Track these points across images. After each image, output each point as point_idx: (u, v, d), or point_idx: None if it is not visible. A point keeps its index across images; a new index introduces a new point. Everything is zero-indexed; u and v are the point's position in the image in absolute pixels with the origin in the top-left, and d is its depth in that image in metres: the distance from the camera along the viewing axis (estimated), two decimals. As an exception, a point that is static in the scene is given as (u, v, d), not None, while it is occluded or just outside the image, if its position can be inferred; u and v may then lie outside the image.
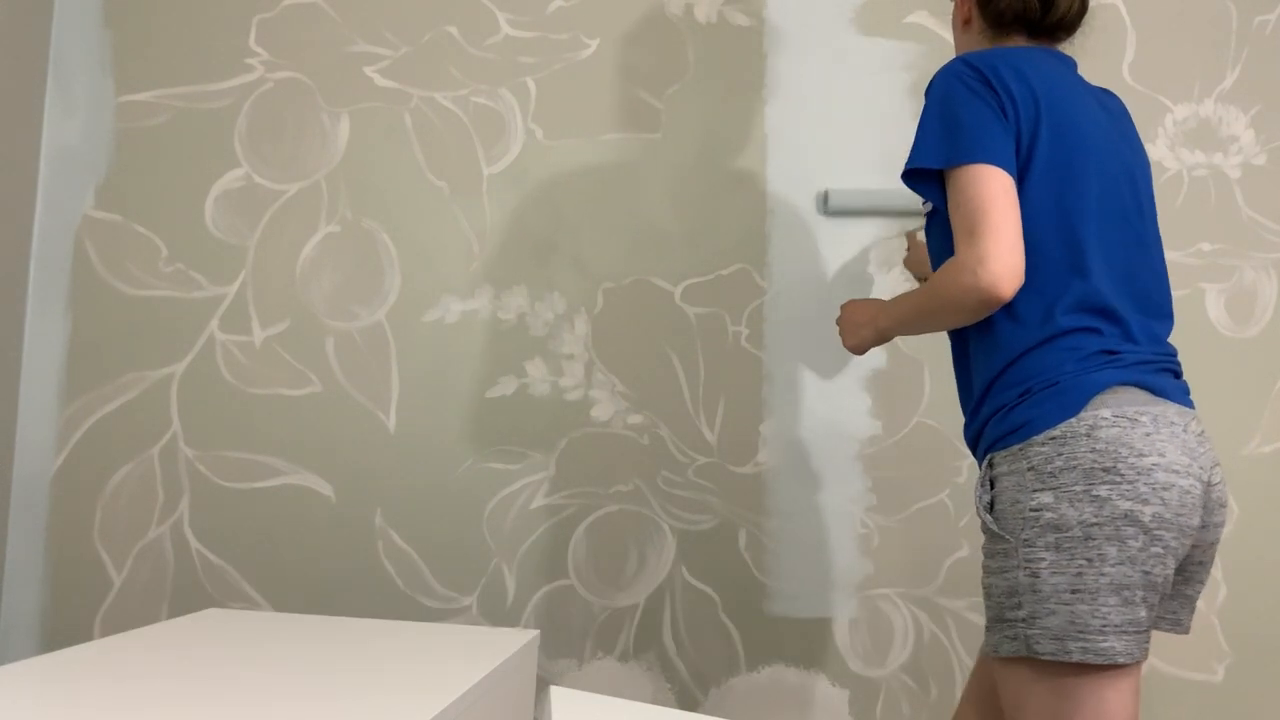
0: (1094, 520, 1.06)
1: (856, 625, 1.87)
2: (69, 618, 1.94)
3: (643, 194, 1.97)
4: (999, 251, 1.10)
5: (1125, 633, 1.06)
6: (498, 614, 1.90)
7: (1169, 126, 1.94)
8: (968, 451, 1.88)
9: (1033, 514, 1.09)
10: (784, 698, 1.86)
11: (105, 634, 1.91)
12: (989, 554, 1.15)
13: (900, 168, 1.93)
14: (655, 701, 1.85)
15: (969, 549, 1.87)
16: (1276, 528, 1.86)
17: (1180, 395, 1.16)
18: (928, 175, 1.22)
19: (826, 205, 1.91)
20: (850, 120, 1.96)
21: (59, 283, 2.01)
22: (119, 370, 1.98)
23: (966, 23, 1.37)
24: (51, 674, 1.04)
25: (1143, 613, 1.07)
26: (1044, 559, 1.08)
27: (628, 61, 1.99)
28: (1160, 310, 1.22)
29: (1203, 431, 1.14)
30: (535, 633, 1.40)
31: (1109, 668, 1.07)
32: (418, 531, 1.92)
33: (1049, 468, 1.09)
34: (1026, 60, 1.22)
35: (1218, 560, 1.85)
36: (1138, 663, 1.08)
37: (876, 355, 1.92)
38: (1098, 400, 1.10)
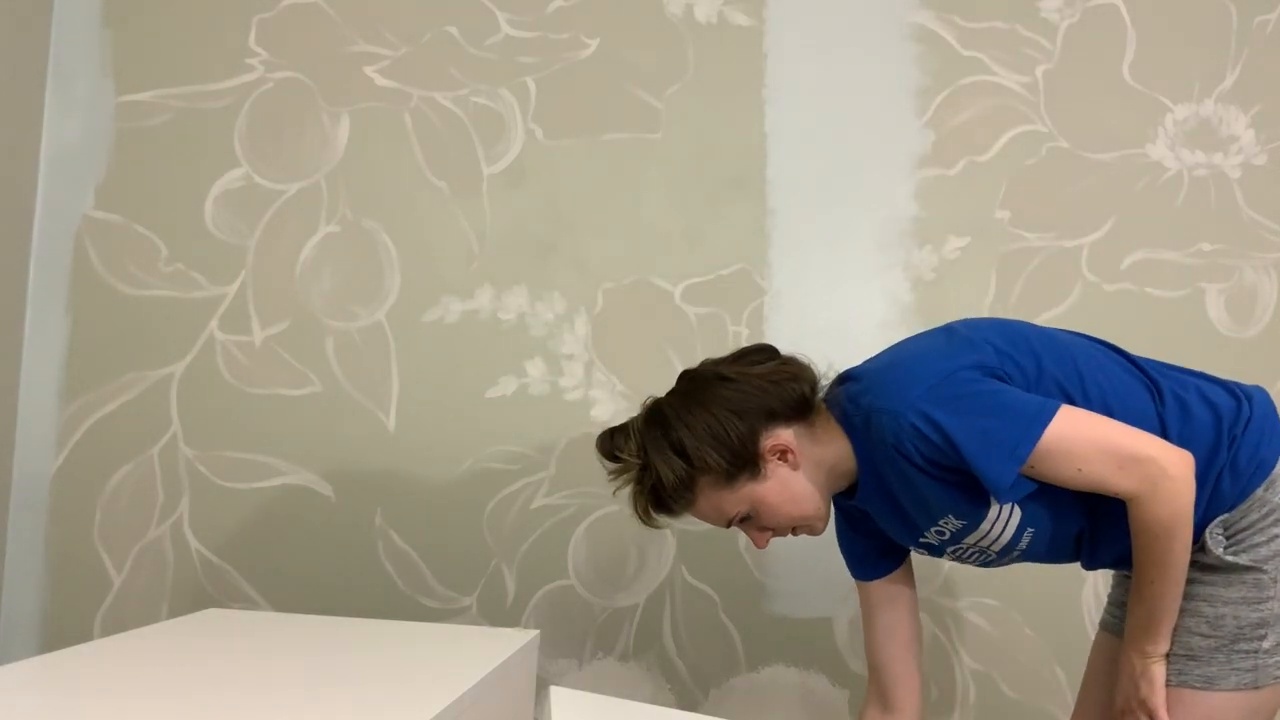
0: None
1: (856, 625, 1.87)
2: (69, 618, 1.94)
3: (643, 194, 1.97)
4: (1151, 443, 1.10)
5: None
6: (498, 614, 1.90)
7: (1169, 126, 1.94)
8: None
9: None
10: (784, 698, 1.86)
11: (105, 634, 1.91)
12: (1225, 584, 1.13)
13: (899, 167, 1.94)
14: (655, 701, 1.85)
15: (969, 549, 1.86)
16: (1276, 528, 1.86)
17: None
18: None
19: None
20: (851, 120, 1.96)
21: (59, 283, 2.01)
22: (119, 370, 1.98)
23: (796, 467, 1.21)
24: (51, 674, 1.04)
25: None
26: None
27: (628, 61, 1.99)
28: None
29: None
30: (535, 633, 1.40)
31: None
32: (418, 531, 1.92)
33: None
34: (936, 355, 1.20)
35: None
36: None
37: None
38: None
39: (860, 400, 1.19)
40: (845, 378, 1.26)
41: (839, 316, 1.92)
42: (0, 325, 1.95)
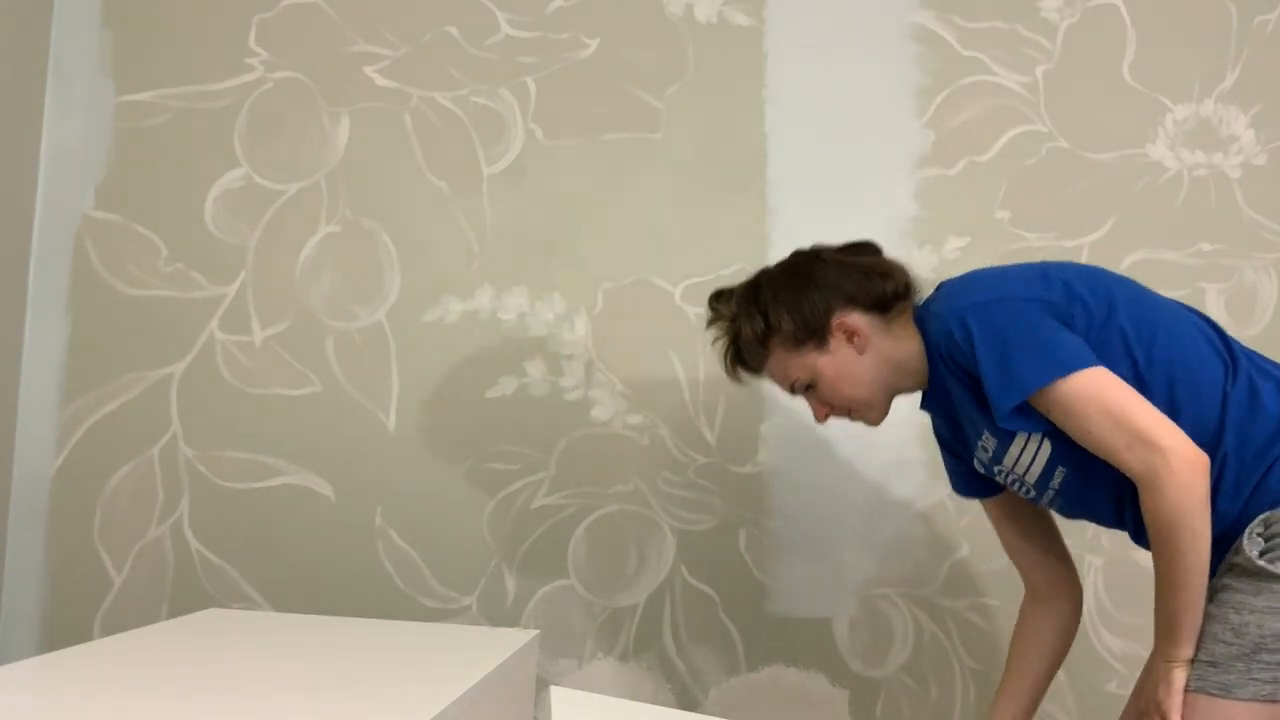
0: None
1: (856, 625, 1.87)
2: (69, 618, 1.94)
3: (643, 194, 1.97)
4: (1168, 434, 1.09)
5: None
6: (498, 614, 1.90)
7: (1169, 126, 1.94)
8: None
9: None
10: (784, 698, 1.86)
11: (105, 634, 1.91)
12: (1254, 591, 1.12)
13: (899, 167, 1.94)
14: (655, 701, 1.85)
15: (969, 549, 1.87)
16: (1276, 528, 1.86)
17: None
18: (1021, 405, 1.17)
19: None
20: (851, 120, 1.96)
21: (59, 283, 2.01)
22: (119, 370, 1.98)
23: (861, 351, 1.29)
24: (51, 674, 1.04)
25: None
26: None
27: (628, 61, 1.99)
28: None
29: None
30: (535, 633, 1.40)
31: None
32: (418, 531, 1.92)
33: None
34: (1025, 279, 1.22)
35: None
36: None
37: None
38: None
39: (930, 306, 1.27)
40: (938, 288, 1.31)
41: (839, 316, 1.92)
42: (0, 325, 1.95)
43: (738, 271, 1.92)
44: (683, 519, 1.90)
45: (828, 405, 1.34)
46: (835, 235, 1.92)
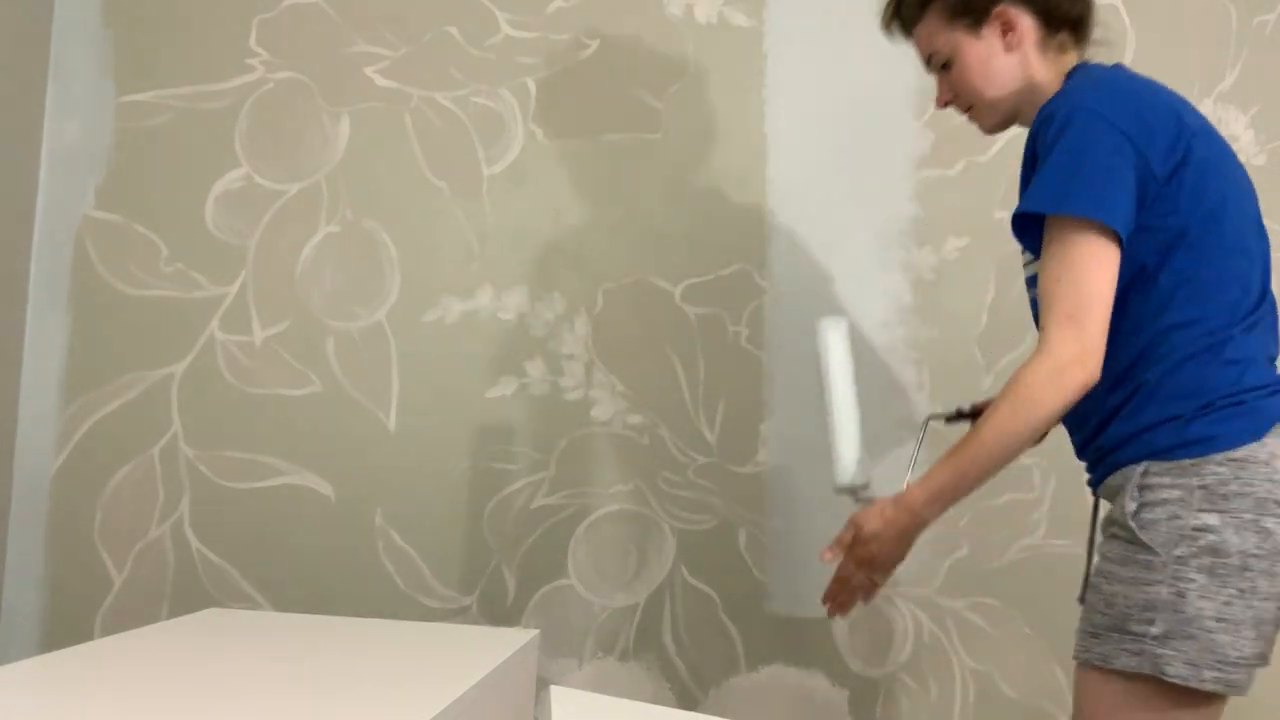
0: (1255, 551, 1.04)
1: (856, 625, 1.87)
2: (69, 618, 1.94)
3: (643, 194, 1.97)
4: (1096, 337, 1.08)
5: (1253, 666, 1.05)
6: (498, 614, 1.90)
7: (1169, 126, 1.93)
8: (968, 451, 1.87)
9: (1194, 533, 1.06)
10: (784, 698, 1.86)
11: (105, 634, 1.91)
12: (1121, 561, 1.10)
13: (899, 167, 1.94)
14: (655, 701, 1.85)
15: (969, 549, 1.87)
16: (1276, 528, 1.86)
17: None
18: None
19: None
20: (851, 120, 1.96)
21: (59, 283, 2.01)
22: (119, 370, 1.98)
23: (1009, 49, 1.26)
24: (51, 674, 1.04)
25: (1267, 649, 1.07)
26: (1194, 580, 1.05)
27: (628, 61, 1.99)
28: None
29: None
30: (535, 633, 1.40)
31: (1220, 698, 1.07)
32: (418, 531, 1.92)
33: (1223, 490, 1.06)
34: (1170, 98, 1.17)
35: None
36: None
37: (876, 355, 1.91)
38: (1278, 429, 1.09)
39: (1079, 74, 1.23)
40: (1113, 66, 1.27)
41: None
42: (0, 325, 1.95)
43: (737, 271, 1.93)
44: (683, 519, 1.90)
45: (952, 93, 1.31)
46: (835, 235, 1.94)
